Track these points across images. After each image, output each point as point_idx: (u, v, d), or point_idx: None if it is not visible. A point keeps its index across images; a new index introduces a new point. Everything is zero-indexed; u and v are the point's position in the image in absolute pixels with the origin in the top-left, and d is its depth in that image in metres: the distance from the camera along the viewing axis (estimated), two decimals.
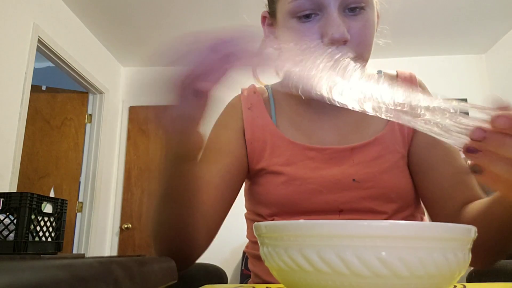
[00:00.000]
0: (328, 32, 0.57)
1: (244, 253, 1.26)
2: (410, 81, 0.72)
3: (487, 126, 0.33)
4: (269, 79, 0.82)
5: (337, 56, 0.56)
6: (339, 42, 0.57)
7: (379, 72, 0.75)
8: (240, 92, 0.77)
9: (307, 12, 0.59)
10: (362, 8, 0.59)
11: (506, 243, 0.53)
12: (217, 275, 0.79)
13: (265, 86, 0.78)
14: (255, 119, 0.72)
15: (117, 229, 3.65)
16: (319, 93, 0.38)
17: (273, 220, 0.68)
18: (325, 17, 0.58)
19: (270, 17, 0.68)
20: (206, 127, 0.45)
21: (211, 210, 0.62)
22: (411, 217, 0.68)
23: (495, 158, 0.33)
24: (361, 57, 0.60)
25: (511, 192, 0.35)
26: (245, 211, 0.77)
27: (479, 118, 0.33)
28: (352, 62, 0.38)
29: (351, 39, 0.58)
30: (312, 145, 0.68)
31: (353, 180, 0.64)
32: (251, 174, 0.72)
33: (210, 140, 0.72)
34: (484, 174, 0.34)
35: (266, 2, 0.69)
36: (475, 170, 0.35)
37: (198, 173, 0.51)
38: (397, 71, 0.75)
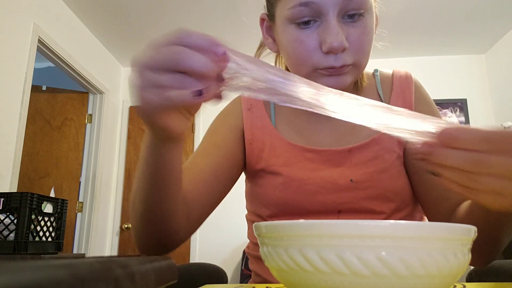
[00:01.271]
0: (327, 40, 0.57)
1: (244, 253, 1.26)
2: (405, 80, 0.72)
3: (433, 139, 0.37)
4: None
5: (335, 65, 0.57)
6: (338, 50, 0.57)
7: (376, 71, 0.76)
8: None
9: (306, 19, 0.58)
10: (361, 14, 0.59)
11: (494, 241, 0.53)
12: (217, 275, 0.79)
13: None
14: (255, 120, 0.73)
15: (117, 229, 3.65)
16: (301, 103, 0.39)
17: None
18: (324, 25, 0.58)
19: (269, 20, 0.68)
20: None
21: (196, 201, 0.62)
22: (409, 216, 0.68)
23: (445, 167, 0.37)
24: (359, 63, 0.61)
25: (470, 195, 0.38)
26: (246, 212, 0.77)
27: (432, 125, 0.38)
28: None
29: (349, 47, 0.58)
30: (310, 147, 0.68)
31: (351, 180, 0.65)
32: (251, 175, 0.72)
33: (208, 135, 0.73)
34: (442, 178, 0.38)
35: (265, 4, 0.69)
36: (434, 173, 0.38)
37: (179, 158, 0.50)
38: (393, 70, 0.75)
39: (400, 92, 0.71)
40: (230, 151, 0.69)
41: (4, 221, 1.52)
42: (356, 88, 0.72)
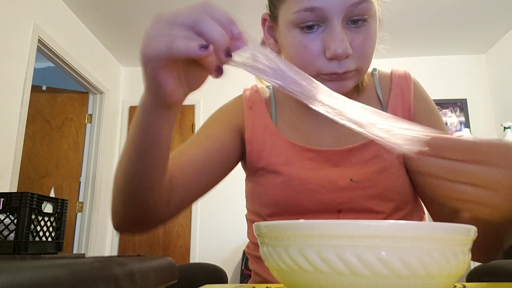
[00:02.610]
0: (331, 47, 0.57)
1: (244, 253, 1.26)
2: (404, 79, 0.72)
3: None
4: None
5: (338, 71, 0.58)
6: (342, 57, 0.57)
7: (374, 70, 0.75)
8: (242, 92, 0.78)
9: (310, 24, 0.58)
10: (365, 20, 0.59)
11: (498, 240, 0.54)
12: (217, 275, 0.79)
13: (266, 87, 0.79)
14: (256, 119, 0.73)
15: None
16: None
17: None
18: (328, 30, 0.58)
19: (271, 21, 0.68)
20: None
21: (181, 187, 0.62)
22: (409, 215, 0.68)
23: (432, 176, 0.38)
24: (361, 69, 0.61)
25: (456, 204, 0.39)
26: (246, 212, 0.77)
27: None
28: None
29: (353, 53, 0.58)
30: (310, 147, 0.68)
31: (351, 180, 0.65)
32: (251, 173, 0.72)
33: (203, 126, 0.73)
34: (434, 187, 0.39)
35: (267, 4, 0.69)
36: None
37: (168, 130, 0.50)
38: (391, 70, 0.75)
39: (399, 91, 0.71)
40: (223, 144, 0.69)
41: (4, 221, 1.51)
42: (357, 89, 0.72)
